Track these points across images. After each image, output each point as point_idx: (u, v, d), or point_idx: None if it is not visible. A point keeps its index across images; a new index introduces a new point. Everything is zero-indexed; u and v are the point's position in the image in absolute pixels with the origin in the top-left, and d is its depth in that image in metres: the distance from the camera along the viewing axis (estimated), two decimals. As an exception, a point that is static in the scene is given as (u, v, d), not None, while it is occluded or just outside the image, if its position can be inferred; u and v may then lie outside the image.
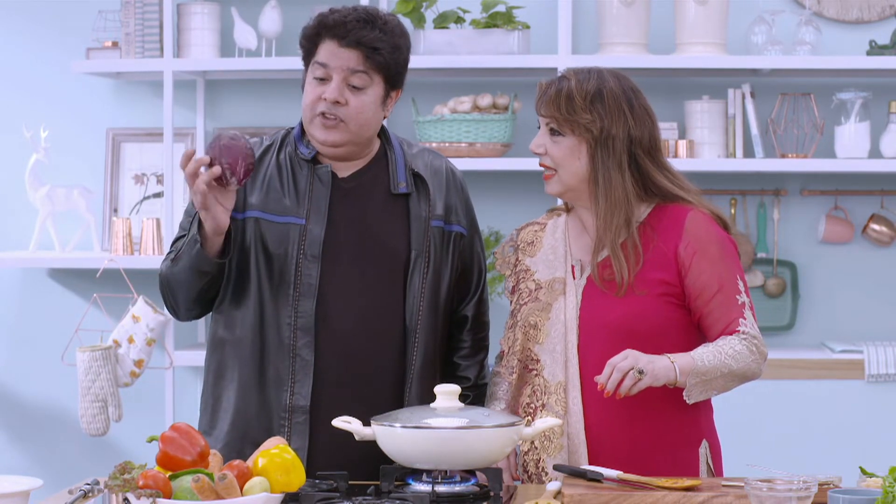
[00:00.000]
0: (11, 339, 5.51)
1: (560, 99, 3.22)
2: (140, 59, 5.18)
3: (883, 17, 5.27)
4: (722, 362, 3.09)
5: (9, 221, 5.48)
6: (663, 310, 3.17)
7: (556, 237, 3.32)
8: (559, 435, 3.18)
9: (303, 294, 3.23)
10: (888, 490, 2.63)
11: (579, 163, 3.20)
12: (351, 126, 3.24)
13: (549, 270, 3.28)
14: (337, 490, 2.93)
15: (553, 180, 3.24)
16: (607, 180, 3.19)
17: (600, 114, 3.18)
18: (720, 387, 3.11)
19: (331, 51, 3.24)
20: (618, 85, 3.22)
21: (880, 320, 5.27)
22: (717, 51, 5.04)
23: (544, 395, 3.21)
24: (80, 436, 5.28)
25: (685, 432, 3.21)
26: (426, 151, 3.42)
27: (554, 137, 3.23)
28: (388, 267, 3.28)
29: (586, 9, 5.29)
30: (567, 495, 2.91)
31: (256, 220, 3.26)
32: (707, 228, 3.20)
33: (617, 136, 3.18)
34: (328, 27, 3.25)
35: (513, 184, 5.34)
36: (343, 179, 3.31)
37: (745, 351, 3.11)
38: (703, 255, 3.18)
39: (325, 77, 3.24)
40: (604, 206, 3.19)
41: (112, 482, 2.62)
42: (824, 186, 5.27)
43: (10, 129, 5.42)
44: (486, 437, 2.96)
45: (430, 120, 5.10)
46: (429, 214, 3.32)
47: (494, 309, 5.23)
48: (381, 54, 3.25)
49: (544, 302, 3.24)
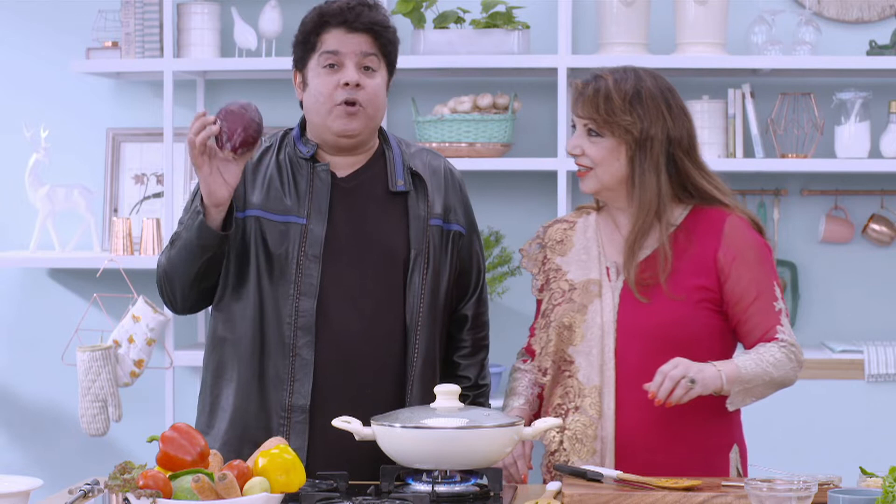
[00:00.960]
0: (11, 339, 5.51)
1: (598, 100, 3.19)
2: (140, 59, 5.18)
3: (883, 17, 5.26)
4: (764, 370, 3.10)
5: (9, 221, 5.48)
6: (701, 315, 3.17)
7: (588, 236, 3.30)
8: (592, 438, 3.17)
9: (303, 293, 3.23)
10: (888, 490, 2.63)
11: (618, 163, 3.19)
12: (369, 110, 3.26)
13: (583, 271, 3.26)
14: (337, 490, 2.93)
15: (589, 177, 3.23)
16: (643, 181, 3.18)
17: (640, 115, 3.17)
18: (759, 394, 3.13)
19: (339, 38, 3.25)
20: (655, 84, 3.21)
21: (880, 320, 5.27)
22: (717, 51, 5.04)
23: (578, 397, 3.19)
24: (80, 436, 5.28)
25: (717, 437, 3.21)
26: (424, 151, 3.42)
27: (592, 138, 3.21)
28: (388, 266, 3.28)
29: (586, 9, 5.29)
30: (567, 495, 2.91)
31: (257, 219, 3.26)
32: (745, 234, 3.21)
33: (656, 137, 3.17)
34: (333, 15, 3.26)
35: (513, 184, 5.34)
36: (342, 179, 3.30)
37: (784, 359, 3.13)
38: (743, 262, 3.18)
39: (336, 64, 3.24)
40: (638, 206, 3.18)
41: (112, 482, 2.62)
42: (824, 186, 5.27)
43: (10, 129, 5.42)
44: (486, 437, 2.95)
45: (430, 120, 5.10)
46: (427, 213, 3.32)
47: (495, 309, 5.23)
48: (389, 35, 3.28)
49: (579, 303, 3.22)
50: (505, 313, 5.25)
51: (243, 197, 3.28)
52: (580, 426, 3.17)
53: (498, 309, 5.24)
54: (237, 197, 3.26)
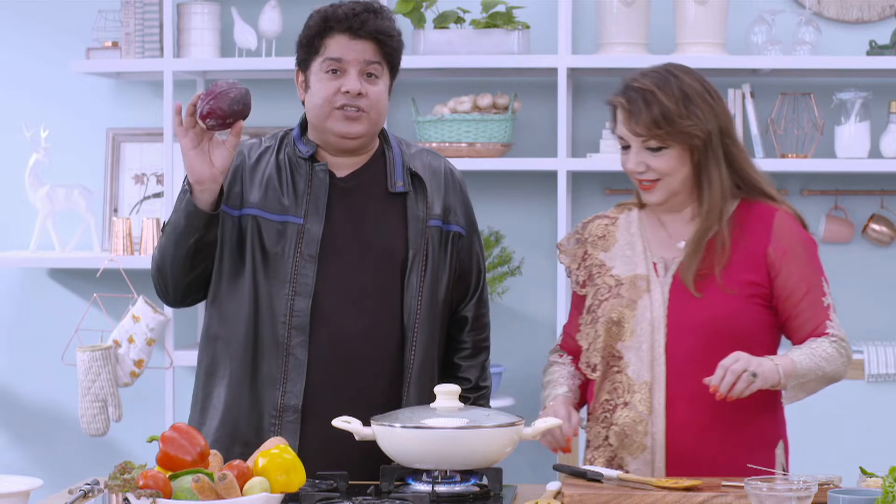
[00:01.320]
0: (11, 339, 5.51)
1: (655, 114, 3.13)
2: (140, 59, 5.19)
3: (883, 17, 5.26)
4: (817, 365, 3.11)
5: (9, 221, 5.48)
6: (751, 310, 3.17)
7: (632, 232, 3.28)
8: (643, 434, 3.16)
9: (299, 293, 3.22)
10: (888, 490, 2.63)
11: (685, 168, 3.17)
12: (372, 115, 3.26)
13: (629, 267, 3.24)
14: (337, 490, 2.93)
15: (657, 189, 3.19)
16: (710, 180, 3.17)
17: (697, 115, 3.14)
18: (812, 389, 3.14)
19: (343, 44, 3.24)
20: (693, 79, 3.19)
21: (880, 320, 5.27)
22: (717, 51, 5.04)
23: (627, 393, 3.18)
24: (80, 436, 5.28)
25: (765, 433, 3.21)
26: (425, 151, 3.41)
27: (655, 153, 3.16)
28: (386, 267, 3.28)
29: (586, 9, 5.29)
30: (567, 495, 2.91)
31: (254, 217, 3.25)
32: (794, 230, 3.22)
33: (713, 132, 3.16)
34: (338, 21, 3.24)
35: (513, 184, 5.34)
36: (341, 179, 3.30)
37: (835, 354, 3.14)
38: (793, 257, 3.19)
39: (339, 70, 3.24)
40: (707, 207, 3.17)
41: (112, 482, 2.62)
42: (824, 186, 5.27)
43: (10, 129, 5.42)
44: (486, 437, 2.95)
45: (430, 120, 5.10)
46: (426, 214, 3.31)
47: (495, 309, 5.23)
48: (393, 43, 3.29)
49: (628, 298, 3.20)
50: (505, 313, 5.25)
51: (241, 195, 3.27)
52: (629, 422, 3.16)
53: (498, 309, 5.24)
54: (235, 195, 3.26)
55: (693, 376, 3.12)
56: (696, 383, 3.12)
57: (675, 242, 3.23)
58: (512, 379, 5.23)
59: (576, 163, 5.07)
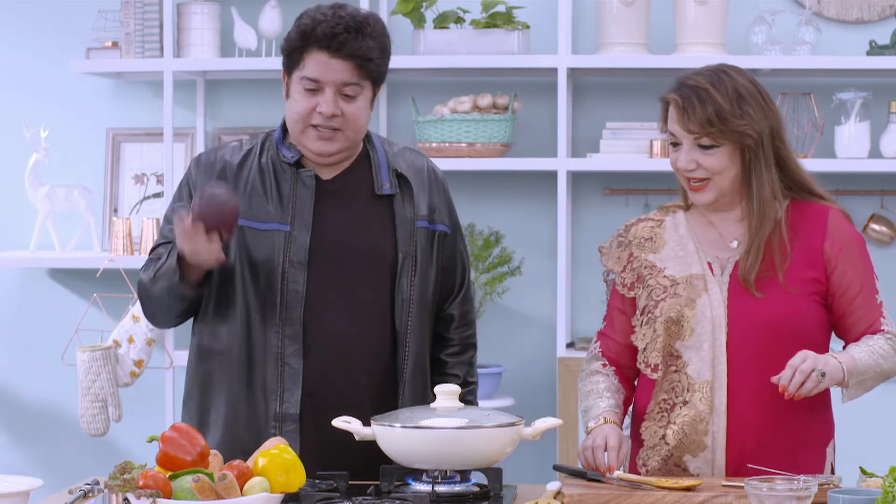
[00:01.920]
0: (11, 339, 5.51)
1: (708, 112, 3.12)
2: (140, 59, 5.19)
3: (883, 17, 5.26)
4: (875, 362, 3.13)
5: (9, 221, 5.48)
6: (812, 308, 3.17)
7: (681, 233, 3.26)
8: (703, 433, 3.15)
9: (290, 302, 3.20)
10: (888, 490, 2.63)
11: (736, 168, 3.16)
12: (348, 133, 3.21)
13: (683, 267, 3.22)
14: (337, 490, 2.93)
15: (708, 189, 3.18)
16: (761, 179, 3.17)
17: (750, 115, 3.14)
18: (869, 387, 3.16)
19: (321, 63, 3.18)
20: (746, 79, 3.19)
21: (880, 320, 5.26)
22: (717, 51, 5.03)
23: (686, 391, 3.17)
24: (80, 436, 5.28)
25: (817, 433, 3.21)
26: (408, 150, 3.39)
27: (706, 151, 3.15)
28: (375, 270, 3.26)
29: (586, 9, 5.29)
30: (567, 495, 2.91)
31: (241, 227, 3.20)
32: (847, 227, 3.24)
33: (764, 133, 3.15)
34: (318, 40, 3.17)
35: (513, 184, 5.34)
36: (327, 182, 3.27)
37: (891, 351, 3.16)
38: (847, 255, 3.20)
39: (316, 89, 3.19)
40: (758, 205, 3.17)
41: (112, 482, 2.62)
42: (824, 186, 5.25)
43: (10, 129, 5.42)
44: (486, 437, 2.95)
45: (430, 120, 5.10)
46: (413, 215, 3.29)
47: (495, 309, 5.24)
48: (374, 63, 3.21)
49: (686, 297, 3.18)
50: (505, 313, 5.25)
51: None
52: (689, 420, 3.15)
53: (498, 309, 5.24)
54: None
55: (754, 375, 3.13)
56: (756, 382, 3.13)
57: (728, 242, 3.23)
58: (512, 379, 5.23)
59: (576, 163, 5.07)
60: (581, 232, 5.27)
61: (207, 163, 3.30)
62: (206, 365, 3.27)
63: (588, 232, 5.24)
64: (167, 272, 3.15)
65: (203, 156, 3.35)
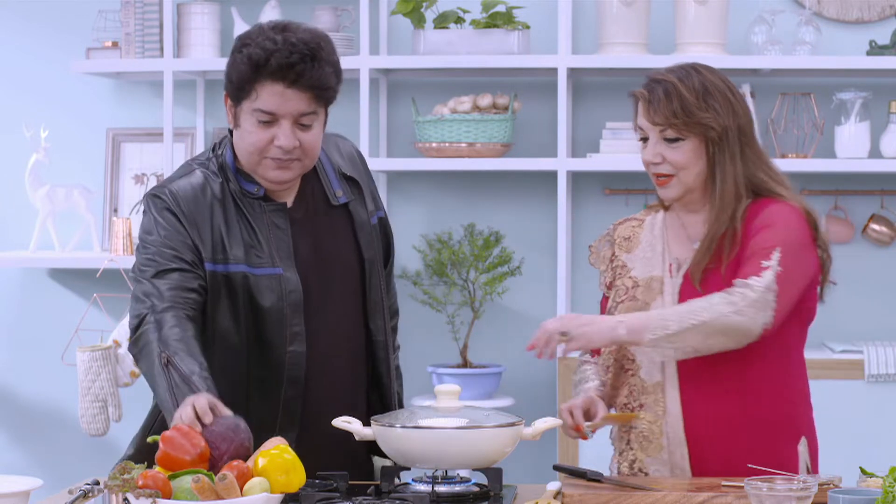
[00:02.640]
0: (11, 339, 5.51)
1: (673, 103, 3.14)
2: (140, 59, 5.19)
3: (883, 17, 5.26)
4: (690, 312, 3.02)
5: (9, 221, 5.48)
6: None
7: (655, 234, 3.27)
8: (658, 435, 3.15)
9: (293, 346, 3.11)
10: (888, 490, 2.63)
11: (701, 163, 3.16)
12: (306, 161, 3.09)
13: (647, 268, 3.23)
14: (337, 490, 2.93)
15: (672, 184, 3.18)
16: (724, 176, 3.16)
17: (716, 109, 3.14)
18: (698, 342, 3.03)
19: (276, 94, 3.01)
20: (715, 76, 3.19)
21: (880, 320, 5.27)
22: (717, 51, 5.03)
23: (641, 395, 3.18)
24: (80, 436, 5.28)
25: (783, 429, 3.19)
26: (331, 137, 3.28)
27: (671, 144, 3.16)
28: (349, 283, 3.20)
29: (586, 9, 5.29)
30: (567, 495, 2.91)
31: (245, 275, 3.10)
32: (784, 215, 3.16)
33: (730, 129, 3.15)
34: (271, 71, 3.00)
35: (513, 184, 5.34)
36: (291, 209, 3.16)
37: (719, 301, 3.02)
38: (760, 230, 3.13)
39: (271, 121, 3.04)
40: (719, 203, 3.16)
41: (112, 482, 2.62)
42: (824, 186, 5.27)
43: (10, 129, 5.42)
44: (486, 437, 2.95)
45: (430, 120, 5.10)
46: (368, 216, 3.23)
47: (495, 309, 5.24)
48: (331, 90, 3.07)
49: (642, 301, 3.19)
50: (505, 313, 5.25)
51: (224, 248, 3.09)
52: (646, 424, 3.16)
53: (498, 309, 5.24)
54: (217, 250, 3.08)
55: (706, 375, 3.12)
56: (709, 381, 3.12)
57: (692, 243, 3.23)
58: (512, 379, 5.23)
59: (576, 163, 5.07)
60: (581, 232, 5.27)
61: (187, 195, 3.11)
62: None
63: (588, 232, 5.24)
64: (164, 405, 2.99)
65: (176, 188, 3.12)
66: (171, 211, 3.10)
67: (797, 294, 3.14)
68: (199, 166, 3.15)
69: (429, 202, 5.38)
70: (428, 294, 5.16)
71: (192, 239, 3.08)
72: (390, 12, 5.20)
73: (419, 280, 5.22)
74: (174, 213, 3.10)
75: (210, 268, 3.08)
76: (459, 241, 5.16)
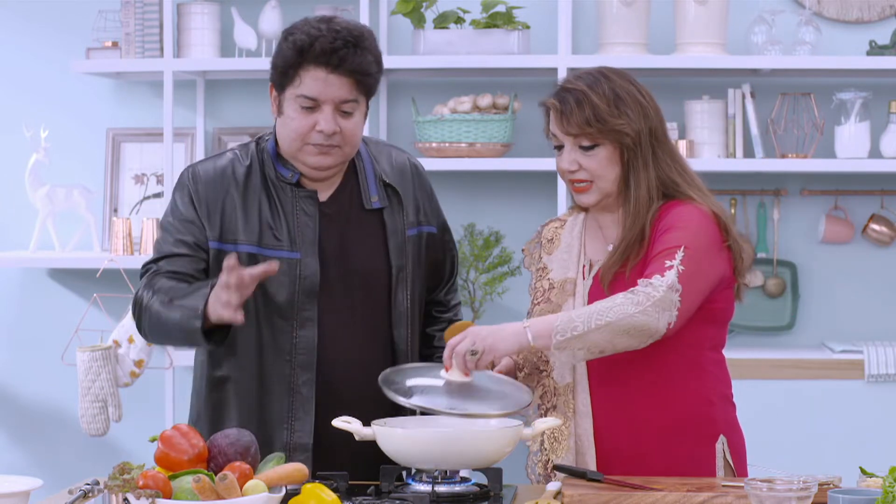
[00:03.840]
0: (11, 339, 5.51)
1: (585, 112, 3.14)
2: (140, 59, 5.19)
3: (883, 17, 5.27)
4: (595, 313, 2.99)
5: (9, 221, 5.48)
6: None
7: (573, 235, 3.28)
8: (567, 436, 3.16)
9: (303, 330, 3.17)
10: (888, 490, 2.63)
11: (616, 168, 3.16)
12: (346, 149, 3.17)
13: (562, 270, 3.24)
14: (337, 490, 2.93)
15: (591, 191, 3.18)
16: (638, 180, 3.16)
17: (627, 115, 3.14)
18: (604, 342, 2.99)
19: (319, 80, 3.11)
20: (625, 81, 3.19)
21: (880, 320, 5.27)
22: (717, 51, 5.04)
23: (553, 396, 3.19)
24: (80, 436, 5.28)
25: (698, 429, 3.18)
26: (389, 148, 3.35)
27: (587, 152, 3.16)
28: (372, 287, 3.23)
29: (586, 9, 5.29)
30: (567, 495, 2.91)
31: (251, 255, 3.16)
32: (689, 217, 3.14)
33: (643, 132, 3.15)
34: (316, 56, 3.10)
35: (513, 184, 5.34)
36: (324, 204, 3.23)
37: (623, 301, 3.00)
38: (665, 230, 3.11)
39: (313, 107, 3.13)
40: (633, 209, 3.15)
41: (112, 482, 2.62)
42: (824, 186, 5.27)
43: (10, 129, 5.42)
44: (486, 437, 2.95)
45: (430, 120, 5.10)
46: (404, 225, 3.26)
47: (495, 309, 5.24)
48: (372, 77, 3.15)
49: (555, 304, 3.20)
50: (505, 313, 5.24)
51: (236, 228, 3.18)
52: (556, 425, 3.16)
53: (498, 309, 5.24)
54: (229, 230, 3.17)
55: (615, 377, 3.13)
56: (619, 383, 3.13)
57: (607, 244, 3.23)
58: (512, 379, 5.23)
59: (576, 163, 5.06)
60: (581, 232, 5.26)
61: (207, 176, 3.23)
62: (218, 394, 3.24)
63: (588, 232, 5.24)
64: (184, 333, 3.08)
65: (200, 168, 3.25)
66: (187, 190, 3.23)
67: (703, 293, 3.11)
68: (232, 150, 3.26)
69: (429, 202, 5.37)
70: (428, 294, 5.16)
71: (199, 218, 3.20)
72: (390, 12, 5.20)
73: (419, 280, 5.22)
74: (189, 192, 3.22)
75: (216, 246, 3.18)
76: (459, 241, 5.16)
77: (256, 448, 2.81)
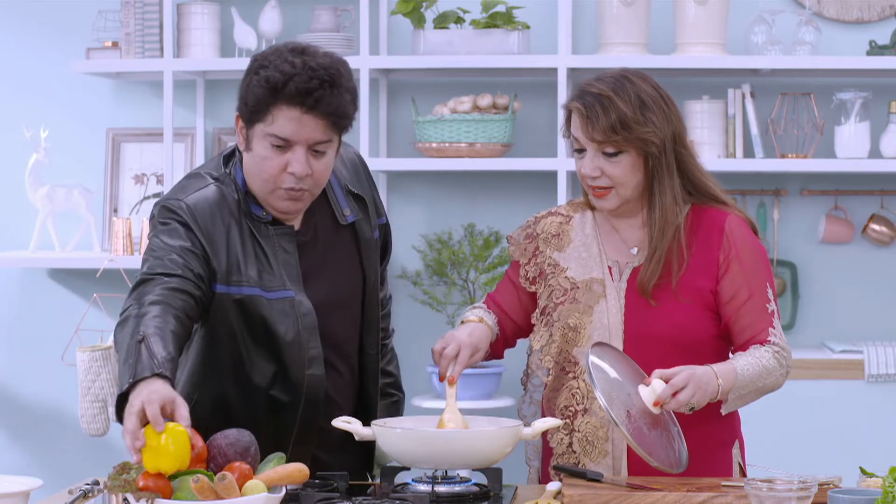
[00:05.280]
0: (11, 339, 5.51)
1: (612, 120, 3.10)
2: (140, 59, 5.19)
3: (883, 17, 5.27)
4: (758, 376, 3.10)
5: (9, 221, 5.48)
6: (703, 319, 3.15)
7: (587, 233, 3.26)
8: (603, 440, 3.15)
9: (311, 368, 3.08)
10: (888, 490, 2.63)
11: (640, 175, 3.14)
12: (315, 191, 3.02)
13: (584, 270, 3.22)
14: (337, 490, 2.93)
15: (610, 196, 3.16)
16: (663, 187, 3.15)
17: (653, 122, 3.11)
18: (750, 400, 3.13)
19: (293, 120, 2.93)
20: (648, 86, 3.16)
21: (880, 320, 5.27)
22: (717, 51, 5.04)
23: (585, 399, 3.16)
24: (80, 436, 5.28)
25: (721, 434, 3.21)
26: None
27: (611, 158, 3.13)
28: (352, 302, 3.18)
29: (586, 9, 5.29)
30: (567, 495, 2.91)
31: (258, 297, 3.03)
32: (745, 234, 3.19)
33: (667, 139, 3.13)
34: (289, 95, 2.91)
35: (513, 184, 5.34)
36: (300, 232, 3.10)
37: (776, 366, 3.12)
38: (739, 261, 3.15)
39: (285, 146, 2.95)
40: (660, 213, 3.14)
41: (112, 482, 2.62)
42: (824, 186, 5.27)
43: (10, 129, 5.42)
44: (486, 437, 2.95)
45: (429, 120, 5.10)
46: (371, 232, 3.19)
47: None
48: (348, 118, 2.99)
49: (584, 304, 3.18)
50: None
51: (237, 270, 3.02)
52: (591, 428, 3.15)
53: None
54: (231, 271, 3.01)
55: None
56: None
57: (629, 248, 3.22)
58: (512, 379, 5.23)
59: (576, 163, 5.06)
60: (581, 232, 5.27)
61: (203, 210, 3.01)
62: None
63: (588, 232, 5.24)
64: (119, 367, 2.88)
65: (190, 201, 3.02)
66: (185, 225, 3.00)
67: None
68: (214, 180, 3.06)
69: (429, 202, 5.38)
70: (428, 294, 5.16)
71: (207, 256, 2.99)
72: (390, 12, 5.20)
73: (419, 280, 5.22)
74: (190, 227, 3.00)
75: (222, 290, 3.01)
76: (459, 241, 5.16)
77: (256, 448, 2.80)
